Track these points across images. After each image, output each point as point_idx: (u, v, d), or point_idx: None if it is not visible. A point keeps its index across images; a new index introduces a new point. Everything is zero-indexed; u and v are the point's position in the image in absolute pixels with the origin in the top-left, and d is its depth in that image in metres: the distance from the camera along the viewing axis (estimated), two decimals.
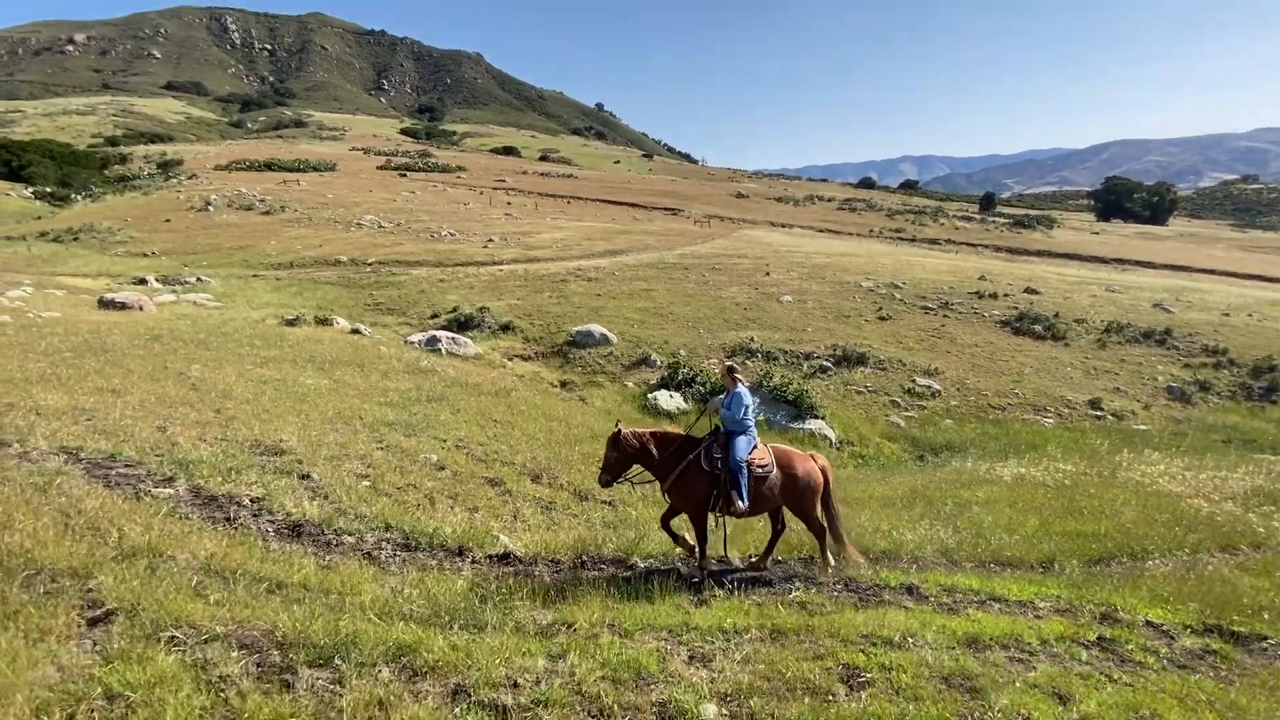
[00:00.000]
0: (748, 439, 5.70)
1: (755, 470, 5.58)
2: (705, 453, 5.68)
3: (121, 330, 15.35)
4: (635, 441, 5.70)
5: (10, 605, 3.45)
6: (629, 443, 5.67)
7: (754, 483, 5.54)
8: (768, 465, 5.64)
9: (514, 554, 5.68)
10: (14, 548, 3.97)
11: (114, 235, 39.53)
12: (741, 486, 5.45)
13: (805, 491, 5.64)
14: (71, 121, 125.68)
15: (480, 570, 5.31)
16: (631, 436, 5.72)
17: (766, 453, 5.74)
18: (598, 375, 18.19)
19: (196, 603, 3.70)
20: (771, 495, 5.64)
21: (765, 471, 5.61)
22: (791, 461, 5.75)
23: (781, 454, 5.82)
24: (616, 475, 5.72)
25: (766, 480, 5.59)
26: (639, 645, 3.75)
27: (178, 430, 7.85)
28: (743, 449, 5.59)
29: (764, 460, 5.67)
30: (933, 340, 22.10)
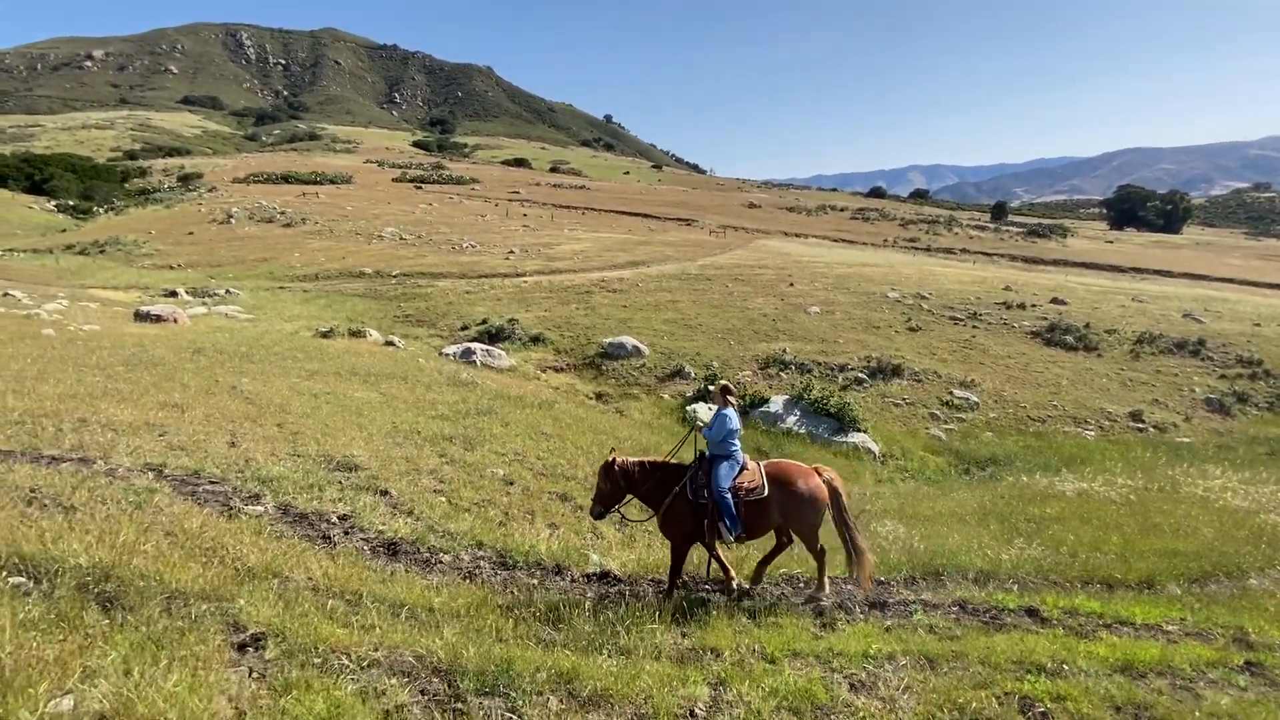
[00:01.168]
0: (730, 464, 5.38)
1: (745, 495, 5.27)
2: (690, 482, 5.37)
3: (164, 343, 15.47)
4: (630, 472, 5.46)
5: (157, 631, 3.42)
6: (622, 473, 5.42)
7: (745, 508, 5.23)
8: (759, 487, 5.30)
9: (612, 573, 5.62)
10: (143, 570, 3.95)
11: (139, 248, 40.02)
12: (728, 514, 5.15)
13: (806, 509, 5.25)
14: (90, 135, 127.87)
15: (581, 589, 5.26)
16: (624, 467, 5.47)
17: (757, 473, 5.40)
18: (632, 387, 18.15)
19: (336, 626, 3.66)
20: (769, 517, 5.31)
21: (757, 495, 5.27)
22: (790, 478, 5.35)
23: (777, 470, 5.44)
24: (609, 507, 5.48)
25: (761, 503, 5.26)
26: (797, 673, 3.68)
27: (249, 445, 7.86)
28: (724, 476, 5.28)
29: (754, 482, 5.33)
30: (965, 351, 21.94)
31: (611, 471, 5.41)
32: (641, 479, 5.43)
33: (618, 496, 5.44)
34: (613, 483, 5.41)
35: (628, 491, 5.45)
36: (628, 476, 5.42)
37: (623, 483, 5.42)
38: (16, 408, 7.89)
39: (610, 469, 5.42)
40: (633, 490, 5.45)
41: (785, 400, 15.53)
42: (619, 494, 5.44)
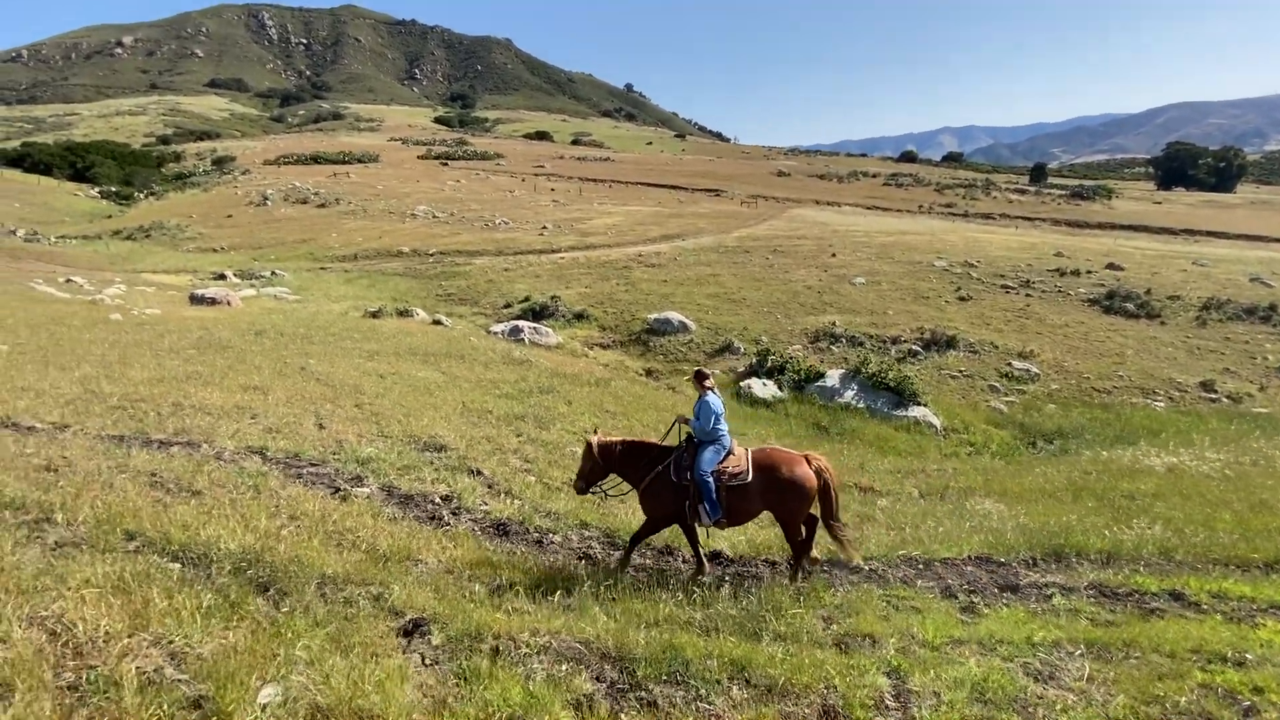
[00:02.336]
0: (715, 449, 5.33)
1: (728, 480, 5.23)
2: (674, 464, 5.38)
3: (226, 326, 15.78)
4: (609, 451, 5.50)
5: (322, 617, 3.46)
6: (602, 452, 5.47)
7: (728, 493, 5.20)
8: (742, 472, 5.25)
9: (724, 553, 5.58)
10: (287, 557, 4.00)
11: (183, 232, 40.85)
12: (708, 498, 5.15)
13: (789, 495, 5.16)
14: (125, 122, 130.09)
15: (688, 567, 5.22)
16: (605, 446, 5.50)
17: (743, 459, 5.35)
18: (681, 363, 18.04)
19: (492, 611, 3.67)
20: (752, 503, 5.26)
21: (740, 480, 5.23)
22: (775, 464, 5.28)
23: (764, 457, 5.37)
24: (591, 484, 5.54)
25: (743, 488, 5.22)
26: (971, 662, 3.60)
27: (336, 427, 7.96)
28: (708, 460, 5.25)
29: (738, 467, 5.29)
30: (1020, 321, 21.29)
31: (591, 451, 5.46)
32: (621, 458, 5.50)
33: (599, 474, 5.52)
34: (592, 461, 5.48)
35: (609, 469, 5.52)
36: (606, 455, 5.48)
37: (602, 461, 5.47)
38: (113, 393, 8.11)
39: (589, 448, 5.48)
40: (613, 468, 5.52)
41: (841, 374, 15.27)
42: (600, 471, 5.51)
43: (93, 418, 7.13)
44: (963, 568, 5.48)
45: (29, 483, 4.91)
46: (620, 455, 5.50)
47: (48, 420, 6.81)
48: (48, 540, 4.06)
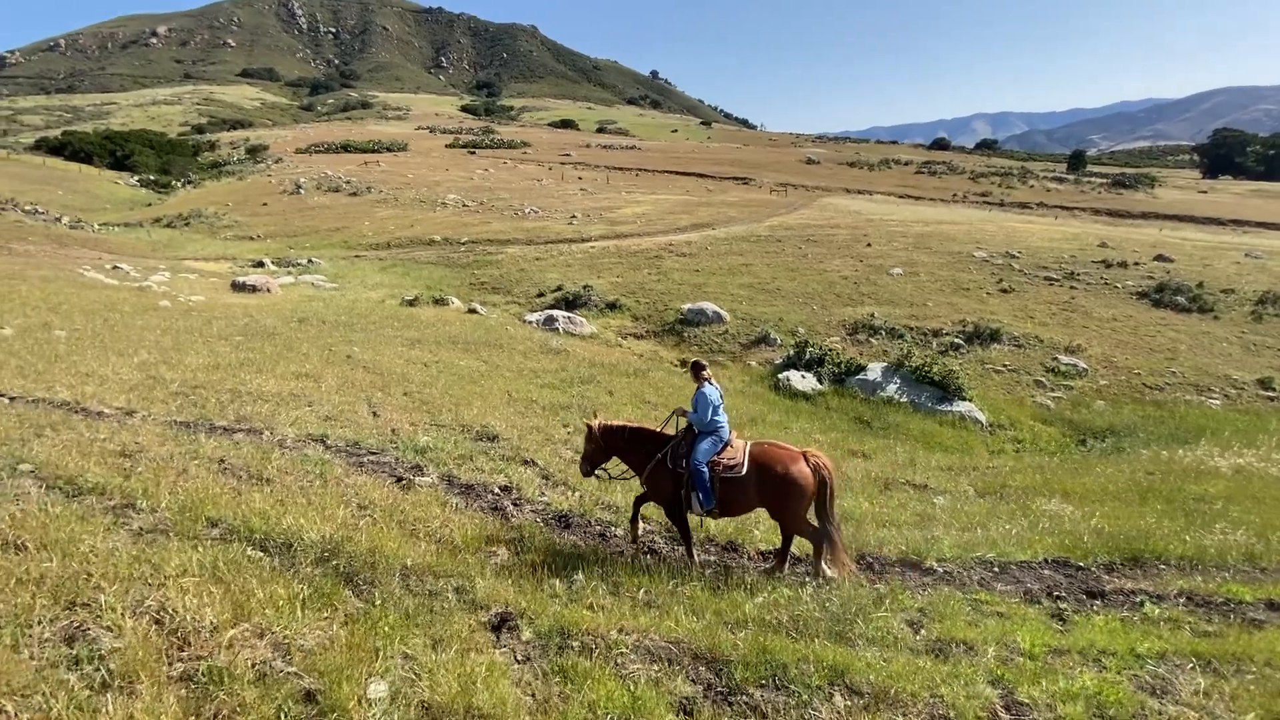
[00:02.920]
0: (712, 440, 5.35)
1: (723, 471, 5.21)
2: (672, 452, 5.43)
3: (269, 313, 16.04)
4: (610, 435, 5.61)
5: (410, 609, 3.45)
6: (603, 434, 5.60)
7: (722, 484, 5.19)
8: (738, 465, 5.22)
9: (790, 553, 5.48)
10: (367, 547, 4.00)
11: (220, 220, 41.66)
12: (701, 488, 5.17)
13: (784, 493, 5.09)
14: (160, 111, 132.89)
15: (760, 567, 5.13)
16: (606, 430, 5.60)
17: (741, 452, 5.31)
18: (717, 355, 17.88)
19: (574, 606, 3.63)
20: (746, 496, 5.21)
21: (735, 473, 5.19)
22: (771, 460, 5.21)
23: (761, 452, 5.31)
24: (595, 465, 5.67)
25: (738, 481, 5.17)
26: (1083, 674, 3.47)
27: (390, 415, 8.02)
28: (703, 451, 5.28)
29: (734, 460, 5.26)
30: (1065, 314, 20.67)
31: (592, 434, 5.60)
32: (623, 443, 5.62)
33: (602, 456, 5.65)
34: (594, 444, 5.61)
35: (611, 453, 5.66)
36: (608, 438, 5.61)
37: (603, 443, 5.60)
38: (174, 379, 8.26)
39: (590, 430, 5.63)
40: (614, 452, 5.66)
41: (884, 368, 14.98)
42: (602, 453, 5.65)
43: (157, 404, 7.27)
44: (1040, 571, 5.31)
45: (108, 468, 5.01)
46: (622, 440, 5.62)
47: (114, 405, 6.96)
48: (133, 526, 4.12)
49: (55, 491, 4.46)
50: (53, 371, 8.00)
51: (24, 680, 2.38)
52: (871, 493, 7.77)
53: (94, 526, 3.88)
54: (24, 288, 16.05)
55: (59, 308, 13.86)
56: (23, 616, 2.79)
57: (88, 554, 3.47)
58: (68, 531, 3.71)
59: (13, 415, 6.04)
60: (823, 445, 10.37)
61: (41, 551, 3.41)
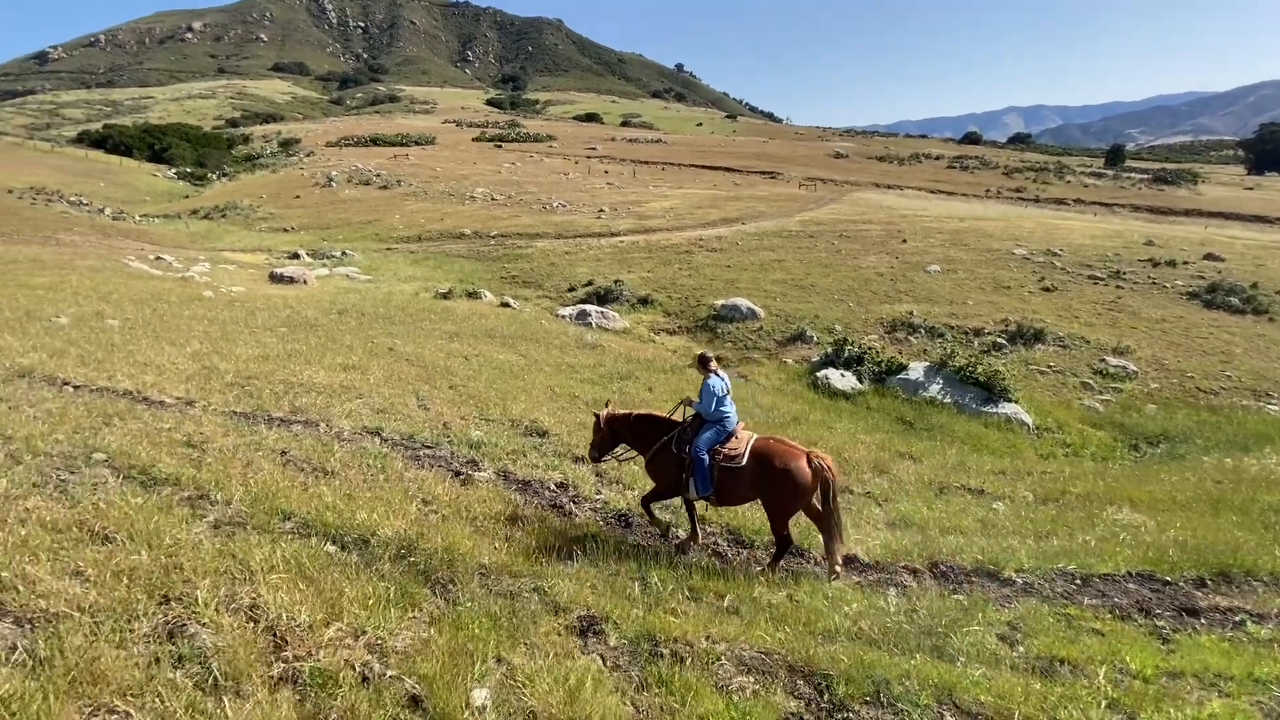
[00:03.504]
0: (715, 430, 5.47)
1: (723, 460, 5.32)
2: (677, 439, 5.61)
3: (309, 304, 16.23)
4: (615, 422, 5.86)
5: (488, 610, 3.39)
6: (609, 423, 5.85)
7: (720, 473, 5.30)
8: (738, 456, 5.30)
9: (858, 558, 5.35)
10: (441, 545, 3.95)
11: (255, 212, 42.42)
12: (700, 474, 5.32)
13: (779, 488, 5.10)
14: (196, 105, 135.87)
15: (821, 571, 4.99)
16: (611, 418, 5.86)
17: (743, 444, 5.39)
18: (751, 351, 17.68)
19: (656, 610, 3.55)
20: (743, 487, 5.29)
21: (734, 463, 5.28)
22: (771, 454, 5.25)
23: (763, 446, 5.35)
24: (603, 453, 5.93)
25: (736, 471, 5.26)
26: (1209, 699, 3.30)
27: (439, 409, 8.01)
28: (704, 439, 5.43)
29: (735, 450, 5.36)
30: (1112, 315, 20.03)
31: (599, 422, 5.87)
32: (630, 429, 5.84)
33: (610, 443, 5.89)
34: (601, 432, 5.86)
35: (618, 440, 5.88)
36: (614, 426, 5.84)
37: (609, 431, 5.83)
38: (227, 370, 8.36)
39: (598, 420, 5.90)
40: (622, 438, 5.87)
41: (926, 367, 14.66)
42: (610, 441, 5.88)
43: (214, 394, 7.35)
44: (1124, 584, 5.09)
45: (179, 459, 5.05)
46: (629, 426, 5.84)
47: (174, 395, 7.05)
48: (210, 518, 4.13)
49: (131, 481, 4.50)
50: (112, 360, 8.15)
51: (134, 680, 2.37)
52: (927, 497, 7.56)
53: (174, 518, 3.89)
54: (74, 277, 16.46)
55: (109, 297, 14.17)
56: (122, 611, 2.79)
57: (174, 546, 3.47)
58: (151, 523, 3.73)
59: (80, 404, 6.14)
60: (868, 446, 10.17)
61: (130, 543, 3.42)
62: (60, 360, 7.77)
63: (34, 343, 8.54)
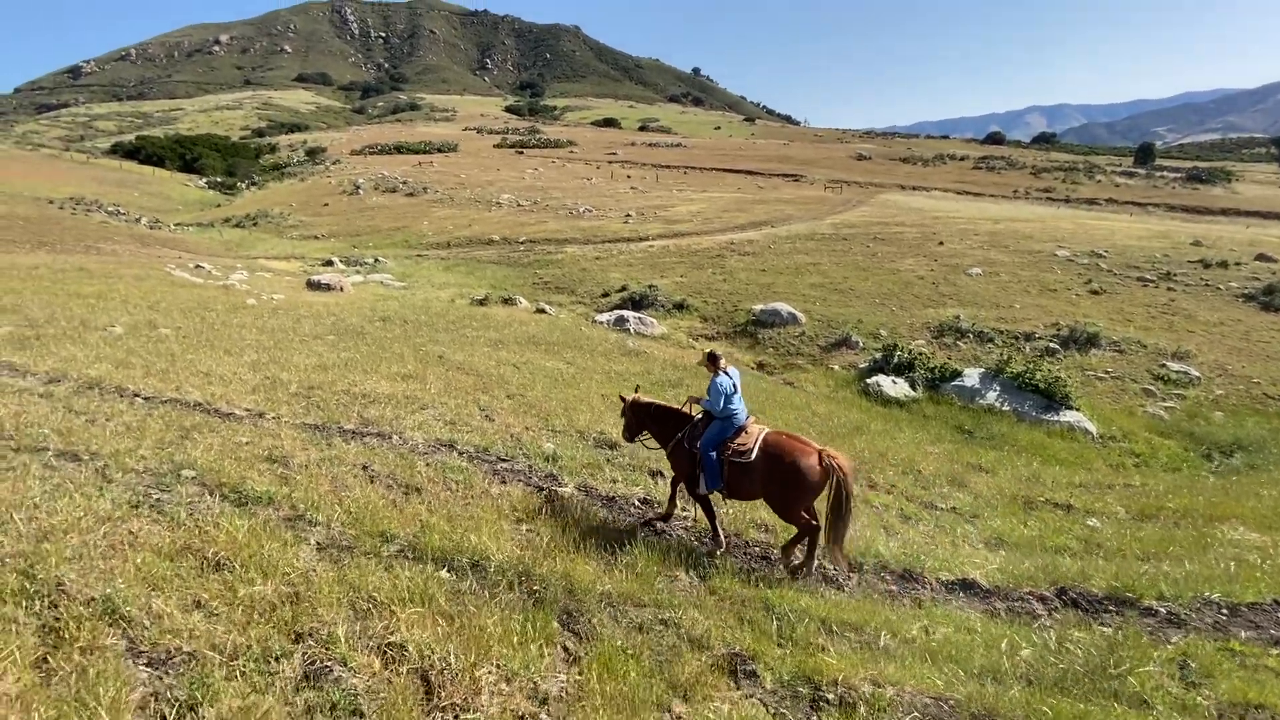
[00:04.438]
0: (721, 426, 5.56)
1: (731, 455, 5.38)
2: (689, 433, 5.74)
3: (350, 311, 16.22)
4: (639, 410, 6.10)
5: (625, 646, 3.15)
6: (632, 408, 6.11)
7: (730, 468, 5.36)
8: (747, 451, 5.33)
9: (977, 582, 5.02)
10: (558, 571, 3.71)
11: (285, 220, 42.98)
12: (707, 469, 5.41)
13: (787, 484, 5.10)
14: (223, 116, 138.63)
15: (947, 599, 4.69)
16: (635, 405, 6.13)
17: (753, 439, 5.41)
18: (795, 357, 17.33)
19: (802, 649, 3.28)
20: (753, 482, 5.31)
21: (744, 459, 5.31)
22: (780, 450, 5.24)
23: (775, 441, 5.35)
24: (635, 435, 6.20)
25: (746, 466, 5.29)
26: None
27: (505, 420, 7.83)
28: (711, 434, 5.54)
29: (744, 445, 5.39)
30: (1166, 318, 19.35)
31: (625, 407, 6.20)
32: (651, 418, 6.08)
33: (640, 427, 6.14)
34: (628, 416, 6.15)
35: (642, 426, 6.11)
36: (637, 413, 6.11)
37: (633, 416, 6.10)
38: (290, 380, 8.26)
39: (625, 405, 6.22)
40: (645, 426, 6.11)
41: (981, 374, 14.20)
42: (639, 425, 6.14)
43: (281, 405, 7.23)
44: (1276, 614, 4.71)
45: (267, 475, 4.89)
46: (649, 416, 6.07)
47: (244, 407, 6.94)
48: (311, 541, 3.96)
49: (223, 500, 4.35)
50: (176, 371, 8.08)
51: None
52: (1016, 513, 7.19)
53: (278, 541, 3.72)
54: (121, 286, 16.63)
55: (158, 305, 14.26)
56: (260, 650, 2.60)
57: (288, 573, 3.29)
58: (258, 547, 3.56)
59: (156, 417, 6.04)
60: (937, 458, 9.80)
61: (245, 571, 3.24)
62: (126, 371, 7.72)
63: (96, 353, 8.52)
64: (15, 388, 6.66)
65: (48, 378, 7.24)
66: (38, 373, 7.40)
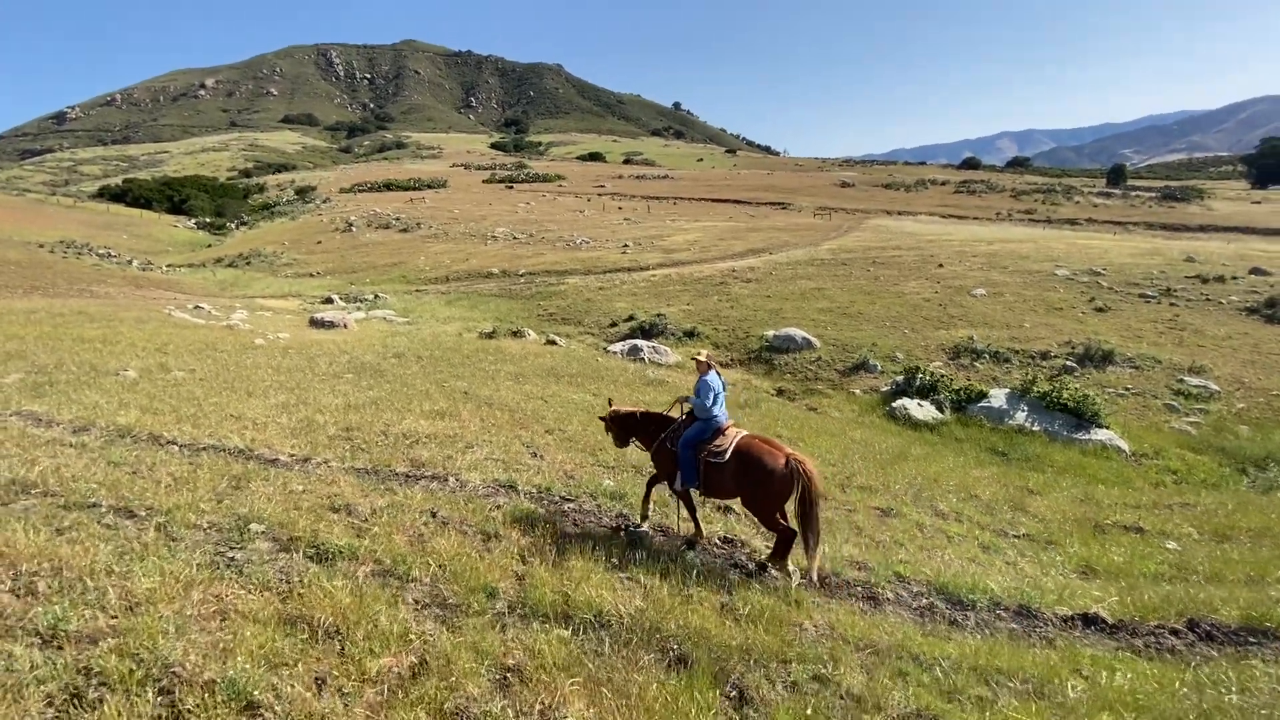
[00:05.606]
0: (701, 427, 5.81)
1: (708, 455, 5.61)
2: (671, 434, 5.99)
3: (361, 348, 15.87)
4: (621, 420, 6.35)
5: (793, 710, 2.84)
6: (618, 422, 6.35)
7: (706, 467, 5.61)
8: (722, 452, 5.57)
9: (1101, 617, 4.75)
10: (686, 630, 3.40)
11: (279, 258, 42.62)
12: (684, 466, 5.66)
13: (758, 485, 5.32)
14: (210, 158, 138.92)
15: (1069, 635, 4.41)
16: (616, 414, 6.38)
17: (728, 441, 5.65)
18: (814, 382, 17.17)
19: (993, 709, 2.99)
20: (726, 482, 5.56)
21: (718, 459, 5.55)
22: (750, 452, 5.49)
23: (747, 444, 5.59)
24: (624, 443, 6.41)
25: (720, 467, 5.53)
26: None
27: (555, 456, 7.53)
28: (690, 433, 5.80)
29: (720, 447, 5.63)
30: (1175, 333, 19.52)
31: (608, 422, 6.44)
32: (635, 425, 6.35)
33: (624, 436, 6.40)
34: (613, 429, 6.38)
35: (627, 435, 6.37)
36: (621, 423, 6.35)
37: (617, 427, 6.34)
38: (326, 422, 7.91)
39: (606, 421, 6.46)
40: (630, 433, 6.37)
41: (1008, 394, 14.11)
42: (626, 434, 6.39)
43: (323, 448, 6.88)
44: None
45: (337, 526, 4.55)
46: (634, 423, 6.35)
47: (286, 452, 6.58)
48: (408, 599, 3.62)
49: (302, 555, 4.00)
50: (205, 416, 7.71)
51: None
52: (1088, 537, 6.96)
53: (379, 601, 3.38)
54: (124, 329, 16.18)
55: (165, 348, 13.83)
56: None
57: (406, 639, 2.95)
58: (364, 610, 3.22)
59: (203, 467, 5.68)
60: (988, 482, 9.58)
61: (360, 639, 2.91)
62: (156, 417, 7.34)
63: (119, 399, 8.13)
64: (44, 438, 6.27)
65: (73, 426, 6.85)
66: (62, 421, 7.00)
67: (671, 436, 5.92)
